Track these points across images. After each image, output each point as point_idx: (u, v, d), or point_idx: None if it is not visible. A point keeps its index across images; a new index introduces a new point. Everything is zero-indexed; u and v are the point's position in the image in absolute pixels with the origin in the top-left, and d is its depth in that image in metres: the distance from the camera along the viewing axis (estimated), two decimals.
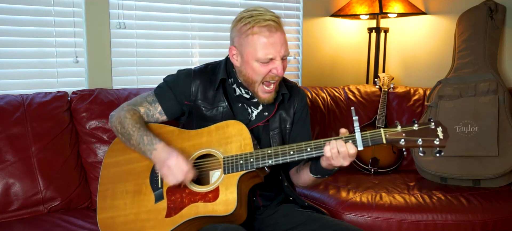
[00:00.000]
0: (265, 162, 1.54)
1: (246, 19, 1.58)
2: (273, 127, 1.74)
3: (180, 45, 2.75)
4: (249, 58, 1.60)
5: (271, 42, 1.56)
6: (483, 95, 2.57)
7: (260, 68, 1.60)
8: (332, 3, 3.29)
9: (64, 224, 1.90)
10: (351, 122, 2.96)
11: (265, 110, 1.74)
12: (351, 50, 3.47)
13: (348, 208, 2.24)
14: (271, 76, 1.62)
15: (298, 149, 1.53)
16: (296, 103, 1.79)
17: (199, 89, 1.73)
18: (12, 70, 2.28)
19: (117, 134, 1.73)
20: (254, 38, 1.57)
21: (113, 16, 2.48)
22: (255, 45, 1.57)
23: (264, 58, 1.57)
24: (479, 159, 2.47)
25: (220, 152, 1.60)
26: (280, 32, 1.59)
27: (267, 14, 1.58)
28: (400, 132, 1.48)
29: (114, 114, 1.75)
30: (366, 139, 1.50)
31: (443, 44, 3.17)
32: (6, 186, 1.95)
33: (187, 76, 1.75)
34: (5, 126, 2.00)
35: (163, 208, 1.59)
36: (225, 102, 1.71)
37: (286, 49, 1.61)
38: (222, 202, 1.53)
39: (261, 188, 1.72)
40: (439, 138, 1.46)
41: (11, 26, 2.25)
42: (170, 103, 1.75)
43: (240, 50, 1.62)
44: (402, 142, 1.47)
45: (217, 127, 1.65)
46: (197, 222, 1.56)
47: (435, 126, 1.48)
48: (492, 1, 2.81)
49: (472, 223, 2.17)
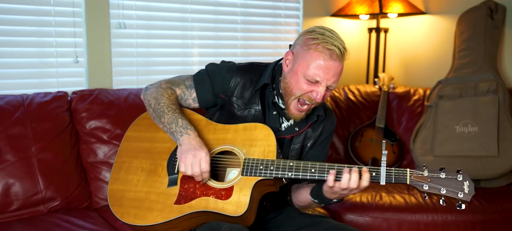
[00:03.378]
0: (285, 173, 1.53)
1: (316, 34, 1.57)
2: (297, 142, 1.73)
3: (180, 45, 2.75)
4: (298, 70, 1.58)
5: (326, 66, 1.54)
6: (483, 95, 2.57)
7: (303, 84, 1.58)
8: (332, 3, 3.29)
9: (64, 224, 1.90)
10: (351, 122, 2.98)
11: (296, 126, 1.72)
12: (351, 50, 3.41)
13: (348, 208, 2.24)
14: (309, 97, 1.59)
15: (320, 169, 1.52)
16: (327, 126, 1.77)
17: (237, 87, 1.71)
18: (12, 70, 2.28)
19: (148, 108, 1.72)
20: (314, 55, 1.55)
21: (113, 16, 2.48)
22: (311, 61, 1.55)
23: (311, 77, 1.56)
24: (479, 159, 2.48)
25: (243, 153, 1.60)
26: (339, 62, 1.57)
27: (337, 40, 1.56)
28: (426, 177, 1.45)
29: (150, 88, 1.74)
30: (391, 176, 1.47)
31: (443, 44, 3.17)
32: (6, 186, 1.94)
33: (229, 70, 1.73)
34: (5, 126, 2.00)
35: (174, 193, 1.58)
36: (259, 106, 1.69)
37: (336, 81, 1.59)
38: (234, 203, 1.52)
39: (273, 195, 1.71)
40: (463, 192, 1.42)
41: (11, 26, 2.25)
42: (206, 93, 1.74)
43: (295, 58, 1.61)
44: (425, 187, 1.44)
45: (245, 127, 1.64)
46: (203, 216, 1.56)
47: (462, 179, 1.44)
48: (492, 1, 2.81)
49: (472, 223, 2.17)
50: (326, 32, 1.57)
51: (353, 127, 2.95)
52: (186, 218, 1.56)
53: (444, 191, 1.43)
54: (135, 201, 1.62)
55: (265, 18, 3.03)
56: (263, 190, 1.60)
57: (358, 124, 2.96)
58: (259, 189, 1.57)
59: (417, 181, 1.45)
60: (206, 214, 1.55)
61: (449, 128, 2.57)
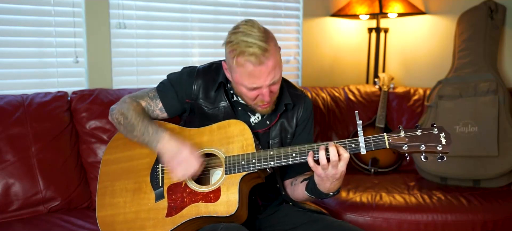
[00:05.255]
0: (267, 163, 1.54)
1: (233, 45, 1.52)
2: (274, 135, 1.73)
3: (180, 45, 2.75)
4: (237, 82, 1.58)
5: (256, 74, 1.52)
6: (483, 95, 2.57)
7: (247, 93, 1.58)
8: (332, 3, 3.29)
9: (64, 224, 1.90)
10: (351, 122, 2.98)
11: (267, 119, 1.73)
12: (351, 50, 3.47)
13: (348, 208, 2.24)
14: (260, 100, 1.60)
15: (301, 151, 1.52)
16: (300, 113, 1.76)
17: (200, 89, 1.72)
18: (12, 70, 2.28)
19: (118, 126, 1.72)
20: (240, 69, 1.53)
21: (113, 16, 2.48)
22: (241, 74, 1.54)
23: (250, 86, 1.55)
24: (479, 159, 2.47)
25: (222, 152, 1.60)
26: (268, 60, 1.50)
27: (254, 43, 1.48)
28: (403, 137, 1.47)
29: (115, 107, 1.74)
30: (369, 143, 1.48)
31: (443, 44, 3.17)
32: (6, 186, 1.94)
33: (190, 75, 1.74)
34: (5, 126, 2.00)
35: (163, 207, 1.59)
36: (226, 102, 1.70)
37: (275, 75, 1.55)
38: (224, 203, 1.52)
39: (260, 189, 1.72)
40: (441, 144, 1.45)
41: (11, 26, 2.25)
42: (171, 101, 1.74)
43: (229, 69, 1.61)
44: (405, 147, 1.47)
45: (218, 126, 1.65)
46: (197, 222, 1.56)
47: (438, 132, 1.47)
48: (492, 1, 2.81)
49: (472, 223, 2.17)
50: (241, 39, 1.50)
51: (353, 127, 2.95)
52: (181, 228, 1.56)
53: (423, 147, 1.46)
54: (126, 223, 1.63)
55: (265, 18, 3.03)
56: (250, 184, 1.61)
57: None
58: (246, 183, 1.58)
59: (396, 142, 1.47)
60: (199, 220, 1.55)
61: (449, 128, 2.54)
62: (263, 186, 1.71)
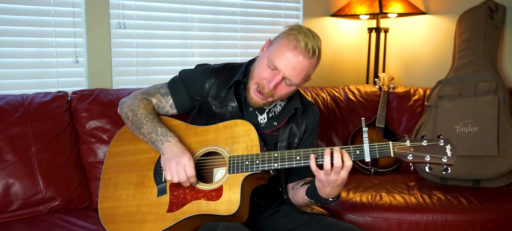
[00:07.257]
0: (271, 165, 1.54)
1: (294, 30, 1.59)
2: (282, 139, 1.74)
3: (180, 45, 2.75)
4: (266, 54, 1.62)
5: (288, 57, 1.56)
6: (483, 95, 2.57)
7: (262, 68, 1.61)
8: (332, 3, 3.29)
9: (64, 224, 1.90)
10: (351, 122, 2.98)
11: (274, 120, 1.73)
12: (351, 50, 3.47)
13: (348, 208, 2.24)
14: (262, 85, 1.62)
15: (305, 155, 1.52)
16: (309, 120, 1.79)
17: (212, 88, 1.73)
18: (12, 70, 2.28)
19: (126, 121, 1.73)
20: (282, 42, 1.58)
21: (113, 16, 2.48)
22: (278, 48, 1.59)
23: (271, 62, 1.58)
24: (479, 159, 2.47)
25: (226, 151, 1.60)
26: (303, 57, 1.56)
27: (310, 40, 1.56)
28: (409, 147, 1.46)
29: (126, 101, 1.75)
30: (374, 151, 1.47)
31: (443, 44, 3.17)
32: (6, 186, 1.94)
33: (203, 73, 1.76)
34: (5, 126, 2.00)
35: (165, 202, 1.59)
36: (235, 102, 1.71)
37: (296, 76, 1.59)
38: (225, 202, 1.53)
39: (262, 190, 1.72)
40: (447, 156, 1.44)
41: (11, 26, 2.25)
42: (182, 98, 1.76)
43: (272, 43, 1.65)
44: (409, 157, 1.46)
45: (225, 125, 1.65)
46: (198, 219, 1.56)
47: (444, 143, 1.46)
48: (492, 1, 2.81)
49: (472, 223, 2.17)
50: (303, 31, 1.58)
51: (353, 127, 2.95)
52: (181, 225, 1.56)
53: (428, 158, 1.45)
54: (127, 215, 1.63)
55: (265, 18, 3.03)
56: (252, 185, 1.61)
57: (358, 124, 2.96)
58: (248, 184, 1.58)
59: (401, 152, 1.46)
60: (200, 217, 1.55)
61: (449, 128, 2.57)
62: (265, 188, 1.71)
